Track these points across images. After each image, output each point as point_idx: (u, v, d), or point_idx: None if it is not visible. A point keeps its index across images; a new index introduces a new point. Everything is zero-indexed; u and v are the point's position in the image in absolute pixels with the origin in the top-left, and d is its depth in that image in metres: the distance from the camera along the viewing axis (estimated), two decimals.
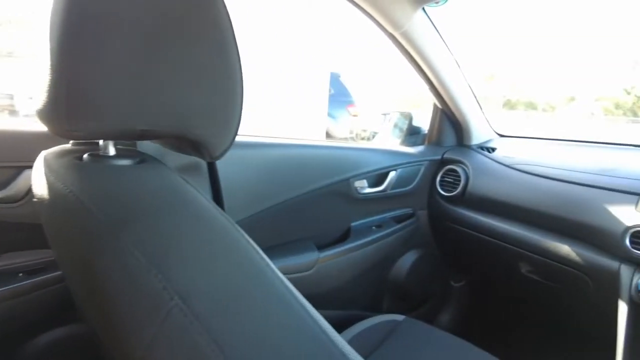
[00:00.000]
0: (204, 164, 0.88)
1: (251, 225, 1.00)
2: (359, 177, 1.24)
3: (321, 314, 1.11)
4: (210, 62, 0.41)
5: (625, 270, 0.95)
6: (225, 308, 0.30)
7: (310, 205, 1.15)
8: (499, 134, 1.58)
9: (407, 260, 1.49)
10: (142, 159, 0.48)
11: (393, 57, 1.28)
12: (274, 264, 1.11)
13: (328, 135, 5.35)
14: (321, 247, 1.18)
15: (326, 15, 5.14)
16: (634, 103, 31.61)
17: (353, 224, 1.31)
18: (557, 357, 1.46)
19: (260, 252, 0.37)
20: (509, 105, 36.08)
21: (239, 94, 0.44)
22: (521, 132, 1.59)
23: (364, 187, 1.27)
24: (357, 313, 1.20)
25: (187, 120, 0.41)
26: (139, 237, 0.33)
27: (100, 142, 0.46)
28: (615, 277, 0.97)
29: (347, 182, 1.21)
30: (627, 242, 0.93)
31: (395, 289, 1.51)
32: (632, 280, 0.93)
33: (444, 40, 1.23)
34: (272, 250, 1.07)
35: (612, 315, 0.97)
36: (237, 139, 1.01)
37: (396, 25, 1.11)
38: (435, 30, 1.19)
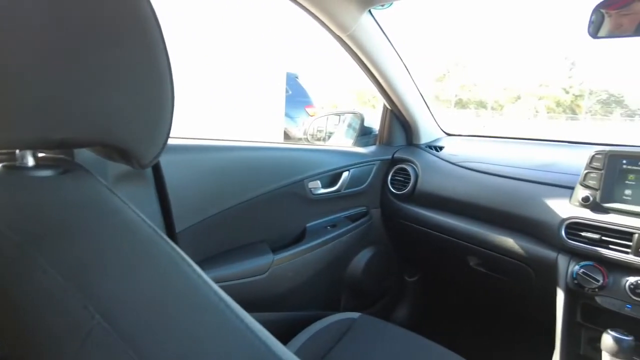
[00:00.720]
0: (148, 170, 0.85)
1: (203, 231, 0.98)
2: (313, 177, 1.25)
3: (276, 316, 1.10)
4: (135, 64, 0.38)
5: (562, 260, 1.02)
6: (152, 323, 0.28)
7: (264, 207, 1.14)
8: (446, 133, 1.64)
9: (362, 258, 1.52)
10: (66, 169, 0.44)
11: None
12: (228, 268, 1.09)
13: (286, 136, 5.34)
14: (277, 250, 1.18)
15: (280, 16, 5.13)
16: (572, 101, 33.87)
17: (308, 224, 1.31)
18: (506, 344, 1.53)
19: (190, 262, 0.35)
20: (461, 104, 37.59)
21: (169, 97, 0.41)
22: (471, 130, 1.66)
23: (318, 188, 1.28)
24: (313, 313, 1.21)
25: (109, 126, 0.39)
26: (56, 255, 0.31)
27: (17, 151, 0.42)
28: (553, 266, 1.03)
29: (301, 183, 1.22)
30: (563, 233, 0.99)
31: (351, 287, 1.53)
32: (568, 268, 0.99)
33: (391, 42, 1.26)
34: (226, 255, 1.06)
35: (553, 302, 1.03)
36: (186, 142, 0.99)
37: (343, 28, 1.12)
38: (382, 33, 1.22)
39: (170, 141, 0.46)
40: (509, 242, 1.14)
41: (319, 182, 1.27)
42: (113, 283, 0.30)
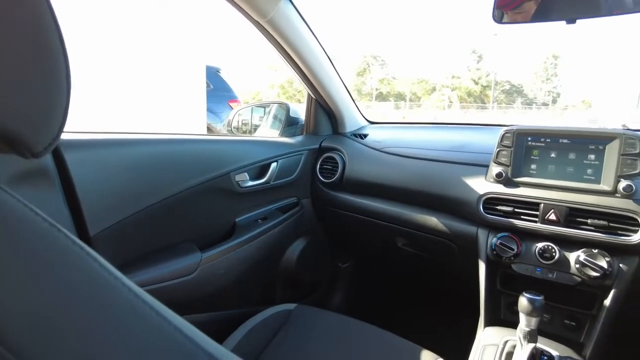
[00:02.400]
0: (52, 167, 0.76)
1: (121, 233, 0.90)
2: (240, 170, 1.21)
3: (209, 317, 1.05)
4: (20, 42, 0.33)
5: (481, 233, 1.09)
6: (55, 334, 0.24)
7: (189, 203, 1.08)
8: (369, 121, 1.68)
9: (296, 248, 1.51)
10: None
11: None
12: (153, 271, 1.02)
13: (210, 132, 5.16)
14: (205, 247, 1.13)
15: (197, 7, 4.91)
16: (481, 92, 36.80)
17: (238, 219, 1.27)
18: (435, 317, 1.62)
19: (102, 260, 0.31)
20: (381, 97, 39.13)
21: (62, 73, 0.36)
22: (391, 119, 1.73)
23: (245, 181, 1.24)
24: (249, 309, 1.18)
25: None
26: None
27: None
28: (474, 240, 1.10)
29: (227, 176, 1.17)
30: (481, 208, 1.07)
31: (286, 279, 1.51)
32: (487, 241, 1.06)
33: (311, 30, 1.25)
34: (150, 257, 0.99)
35: (475, 273, 1.10)
36: (96, 137, 0.90)
37: (262, 13, 1.09)
38: (302, 19, 1.21)
39: (76, 137, 0.39)
40: (433, 220, 1.20)
41: (246, 174, 1.23)
42: (4, 294, 0.25)
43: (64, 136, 0.39)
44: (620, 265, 0.90)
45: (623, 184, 0.89)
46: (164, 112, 4.37)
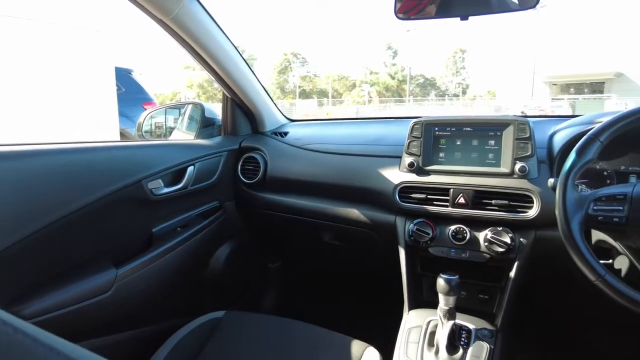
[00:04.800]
0: None
1: (18, 256, 0.80)
2: (153, 176, 1.14)
3: (130, 335, 0.98)
4: None
5: (399, 221, 1.14)
6: None
7: (98, 217, 1.00)
8: (289, 119, 1.68)
9: (222, 253, 1.46)
10: None
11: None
12: (61, 293, 0.92)
13: (124, 138, 4.82)
14: (120, 263, 1.05)
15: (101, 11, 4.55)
16: (397, 86, 38.63)
17: (155, 229, 1.20)
18: (364, 305, 1.67)
19: None
20: (305, 94, 39.50)
21: None
22: (313, 115, 1.74)
23: (160, 188, 1.16)
24: (174, 322, 1.12)
25: None
26: None
27: None
28: (393, 228, 1.15)
29: (139, 184, 1.09)
30: (397, 197, 1.11)
31: (214, 286, 1.47)
32: (405, 227, 1.12)
33: (220, 28, 1.21)
34: (57, 279, 0.90)
35: (397, 260, 1.15)
36: None
37: (165, 11, 1.03)
38: (210, 17, 1.16)
39: None
40: (355, 212, 1.23)
41: (160, 181, 1.16)
42: None
43: None
44: (521, 239, 1.00)
45: (518, 165, 0.99)
46: (71, 119, 4.00)
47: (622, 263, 0.82)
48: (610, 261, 0.83)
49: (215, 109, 1.60)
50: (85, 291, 0.93)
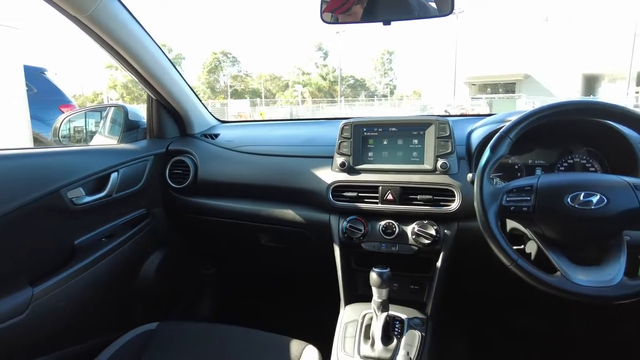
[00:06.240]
0: None
1: None
2: (72, 185, 1.06)
3: (55, 357, 0.91)
4: None
5: (333, 219, 1.17)
6: None
7: (11, 231, 0.91)
8: (220, 121, 1.64)
9: (153, 263, 1.40)
10: None
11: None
12: None
13: (39, 143, 4.40)
14: (38, 279, 0.97)
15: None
16: (329, 87, 39.31)
17: (77, 241, 1.12)
18: (303, 304, 1.69)
19: None
20: (237, 94, 38.78)
21: None
22: (248, 116, 1.71)
23: (81, 197, 1.09)
24: (104, 339, 1.05)
25: None
26: None
27: None
28: (327, 226, 1.18)
29: (57, 193, 1.02)
30: (330, 196, 1.14)
31: (146, 297, 1.40)
32: (338, 225, 1.15)
33: (142, 27, 1.16)
34: None
35: (333, 257, 1.18)
36: None
37: (80, 8, 0.96)
38: (131, 16, 1.11)
39: None
40: (290, 213, 1.24)
41: (81, 189, 1.08)
42: None
43: None
44: (445, 231, 1.07)
45: (440, 162, 1.06)
46: None
47: (531, 247, 0.91)
48: (522, 247, 0.92)
49: (141, 111, 1.52)
50: None
